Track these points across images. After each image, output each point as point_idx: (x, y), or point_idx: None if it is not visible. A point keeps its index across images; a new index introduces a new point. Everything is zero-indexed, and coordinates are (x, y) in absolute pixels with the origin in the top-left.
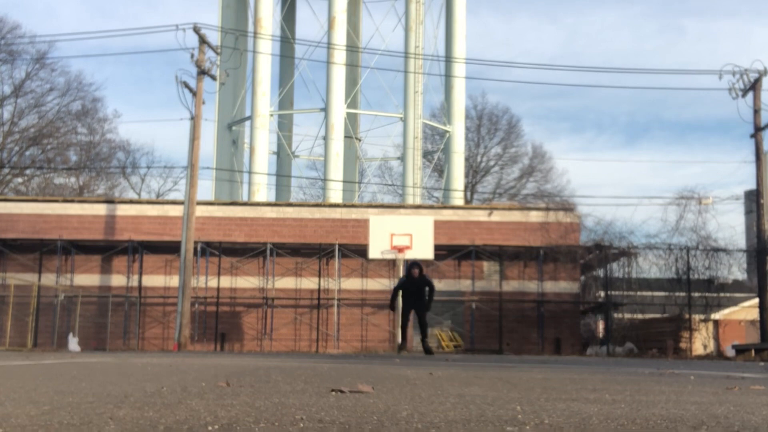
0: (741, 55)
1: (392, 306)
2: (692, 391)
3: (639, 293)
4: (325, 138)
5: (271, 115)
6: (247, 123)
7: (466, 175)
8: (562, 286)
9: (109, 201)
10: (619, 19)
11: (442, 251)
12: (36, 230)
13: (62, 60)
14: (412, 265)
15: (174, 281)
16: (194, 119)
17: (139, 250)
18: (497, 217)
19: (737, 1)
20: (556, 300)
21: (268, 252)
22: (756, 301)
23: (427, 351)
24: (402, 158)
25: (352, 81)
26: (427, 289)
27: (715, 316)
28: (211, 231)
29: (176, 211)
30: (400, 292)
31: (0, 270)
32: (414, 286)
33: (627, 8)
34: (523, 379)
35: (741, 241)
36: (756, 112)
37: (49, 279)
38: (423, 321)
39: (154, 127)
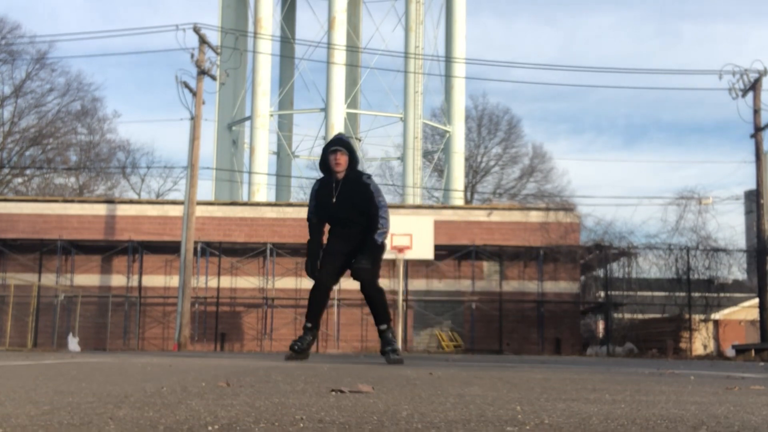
0: (738, 58)
1: (311, 265)
2: (692, 391)
3: (639, 293)
4: (325, 138)
5: (271, 115)
6: (247, 123)
7: (466, 175)
8: (562, 286)
9: (109, 201)
10: (617, 22)
11: (442, 251)
12: (36, 230)
13: (62, 60)
14: (336, 143)
15: (174, 281)
16: (194, 119)
17: (139, 250)
18: (497, 217)
19: (734, 3)
20: (556, 300)
21: (268, 252)
22: (756, 301)
23: (391, 358)
24: (402, 158)
25: (352, 81)
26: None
27: (715, 316)
28: (211, 231)
29: (176, 211)
30: (319, 224)
31: (0, 270)
32: (344, 200)
33: (624, 11)
34: (523, 379)
35: (741, 241)
36: (756, 112)
37: (49, 279)
38: (371, 297)
39: (154, 128)
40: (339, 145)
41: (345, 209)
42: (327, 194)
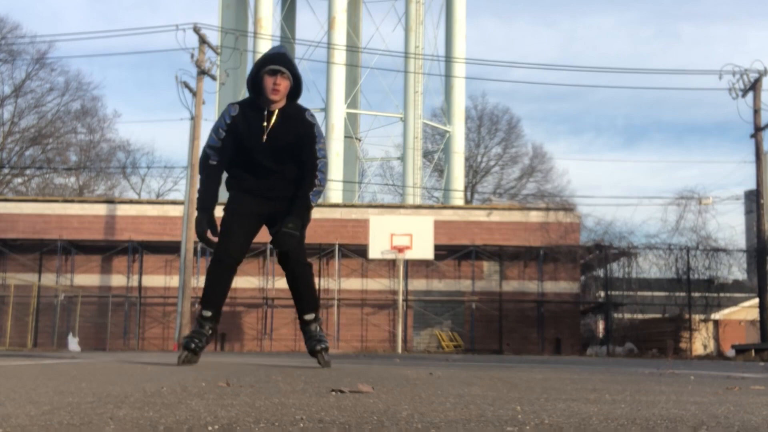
0: (737, 58)
1: (207, 223)
2: (692, 391)
3: (639, 293)
4: (325, 138)
5: None
6: None
7: (467, 175)
8: (562, 286)
9: (109, 201)
10: (617, 22)
11: (442, 251)
12: (36, 230)
13: (62, 60)
14: (276, 60)
15: (174, 281)
16: (194, 119)
17: (139, 250)
18: (497, 217)
19: (733, 4)
20: (556, 300)
21: (268, 252)
22: (756, 301)
23: (325, 359)
24: (402, 158)
25: (352, 81)
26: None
27: (715, 316)
28: None
29: (176, 211)
30: (219, 167)
31: (0, 270)
32: (276, 140)
33: (624, 12)
34: (523, 379)
35: (741, 241)
36: (756, 112)
37: (49, 279)
38: (298, 274)
39: (154, 128)
40: (281, 64)
41: (274, 154)
42: (253, 127)
